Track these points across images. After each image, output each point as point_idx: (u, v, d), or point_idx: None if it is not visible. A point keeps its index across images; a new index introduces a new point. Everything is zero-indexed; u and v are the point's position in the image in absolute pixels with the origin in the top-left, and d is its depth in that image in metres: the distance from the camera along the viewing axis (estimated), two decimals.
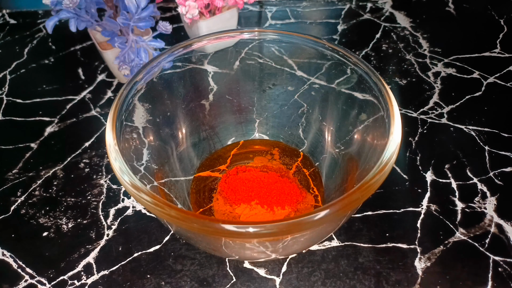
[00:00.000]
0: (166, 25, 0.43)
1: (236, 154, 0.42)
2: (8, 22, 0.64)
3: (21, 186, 0.41)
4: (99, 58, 0.56)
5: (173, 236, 0.36)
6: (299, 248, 0.33)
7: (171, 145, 0.38)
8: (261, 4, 0.66)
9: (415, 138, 0.45)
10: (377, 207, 0.38)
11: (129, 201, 0.39)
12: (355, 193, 0.23)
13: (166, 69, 0.35)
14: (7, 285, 0.34)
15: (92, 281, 0.34)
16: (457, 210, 0.38)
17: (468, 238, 0.36)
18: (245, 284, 0.33)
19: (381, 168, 0.25)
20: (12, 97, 0.51)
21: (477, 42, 0.58)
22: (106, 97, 0.51)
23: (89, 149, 0.45)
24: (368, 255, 0.35)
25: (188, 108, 0.40)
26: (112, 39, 0.44)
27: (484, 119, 0.47)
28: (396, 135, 0.26)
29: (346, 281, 0.33)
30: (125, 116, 0.30)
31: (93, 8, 0.43)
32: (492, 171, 0.41)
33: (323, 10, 0.65)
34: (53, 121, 0.48)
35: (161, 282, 0.33)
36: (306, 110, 0.41)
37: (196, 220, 0.22)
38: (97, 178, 0.41)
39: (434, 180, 0.40)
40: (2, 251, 0.36)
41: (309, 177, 0.39)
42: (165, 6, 0.66)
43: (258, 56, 0.39)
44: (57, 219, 0.38)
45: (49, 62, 0.57)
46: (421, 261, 0.34)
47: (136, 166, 0.31)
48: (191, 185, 0.39)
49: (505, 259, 0.34)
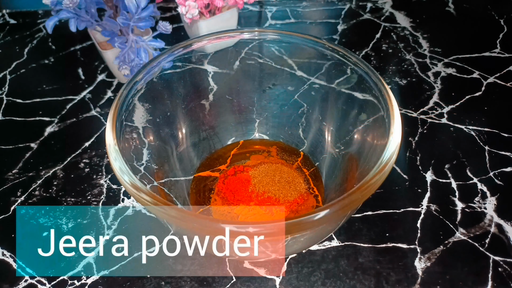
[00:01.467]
0: (166, 25, 0.43)
1: (236, 154, 0.42)
2: (8, 22, 0.64)
3: (21, 186, 0.41)
4: (99, 58, 0.56)
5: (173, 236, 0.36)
6: (299, 248, 0.33)
7: (171, 145, 0.38)
8: (261, 4, 0.66)
9: (415, 138, 0.45)
10: (377, 207, 0.38)
11: (129, 201, 0.39)
12: (355, 193, 0.23)
13: (166, 69, 0.35)
14: (7, 285, 0.34)
15: (92, 281, 0.34)
16: (457, 210, 0.38)
17: (468, 238, 0.36)
18: (245, 284, 0.33)
19: (381, 168, 0.25)
20: (12, 97, 0.51)
21: (477, 42, 0.58)
22: (106, 97, 0.51)
23: (89, 149, 0.45)
24: (368, 255, 0.35)
25: (188, 108, 0.40)
26: (112, 39, 0.44)
27: (484, 119, 0.47)
28: (396, 135, 0.26)
29: (346, 281, 0.33)
30: (125, 116, 0.30)
31: (93, 8, 0.43)
32: (492, 171, 0.41)
33: (323, 10, 0.65)
34: (53, 121, 0.48)
35: (161, 282, 0.33)
36: (306, 110, 0.41)
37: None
38: (97, 178, 0.41)
39: (434, 180, 0.40)
40: (2, 251, 0.36)
41: (309, 177, 0.39)
42: (165, 6, 0.66)
43: (258, 56, 0.39)
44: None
45: (49, 62, 0.57)
46: (421, 261, 0.34)
47: (136, 166, 0.31)
48: (191, 185, 0.39)
49: (505, 259, 0.34)
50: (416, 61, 0.55)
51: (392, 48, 0.57)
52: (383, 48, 0.57)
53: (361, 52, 0.57)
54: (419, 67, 0.54)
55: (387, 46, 0.57)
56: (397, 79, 0.52)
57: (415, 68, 0.54)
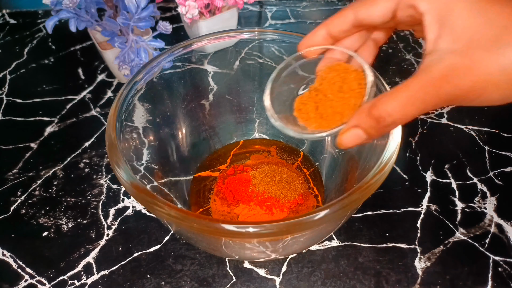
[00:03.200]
0: (166, 25, 0.43)
1: (236, 154, 0.42)
2: (8, 22, 0.64)
3: (21, 186, 0.41)
4: (99, 58, 0.56)
5: (173, 236, 0.36)
6: (299, 248, 0.33)
7: (171, 145, 0.38)
8: (261, 4, 0.66)
9: (415, 138, 0.45)
10: (377, 207, 0.38)
11: (129, 201, 0.39)
12: (355, 193, 0.23)
13: (166, 69, 0.35)
14: (7, 285, 0.34)
15: (92, 281, 0.34)
16: (457, 210, 0.38)
17: (468, 238, 0.36)
18: (245, 284, 0.33)
19: (381, 168, 0.25)
20: (12, 97, 0.51)
21: None
22: (106, 97, 0.51)
23: (89, 149, 0.45)
24: (368, 255, 0.35)
25: (188, 108, 0.40)
26: (112, 39, 0.44)
27: (484, 119, 0.47)
28: (396, 135, 0.26)
29: (346, 281, 0.33)
30: (125, 116, 0.30)
31: (93, 8, 0.43)
32: (492, 171, 0.41)
33: (323, 10, 0.65)
34: (53, 121, 0.48)
35: (161, 282, 0.33)
36: None
37: (196, 220, 0.22)
38: (97, 178, 0.41)
39: (434, 180, 0.40)
40: (2, 251, 0.36)
41: (309, 177, 0.39)
42: (165, 6, 0.66)
43: (258, 56, 0.39)
44: (57, 219, 0.38)
45: (49, 62, 0.57)
46: (421, 261, 0.34)
47: (136, 166, 0.31)
48: (191, 185, 0.39)
49: (505, 259, 0.34)
50: (416, 61, 0.55)
51: (392, 48, 0.57)
52: (383, 48, 0.57)
53: None
54: None
55: (387, 46, 0.57)
56: (397, 79, 0.52)
57: (415, 68, 0.54)
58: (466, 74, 0.18)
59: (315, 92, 0.26)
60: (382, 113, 0.20)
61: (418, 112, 0.19)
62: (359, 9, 0.22)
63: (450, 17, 0.19)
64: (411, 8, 0.20)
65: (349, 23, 0.23)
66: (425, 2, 0.20)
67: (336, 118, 0.24)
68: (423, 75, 0.19)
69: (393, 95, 0.19)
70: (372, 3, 0.22)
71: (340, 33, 0.24)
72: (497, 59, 0.17)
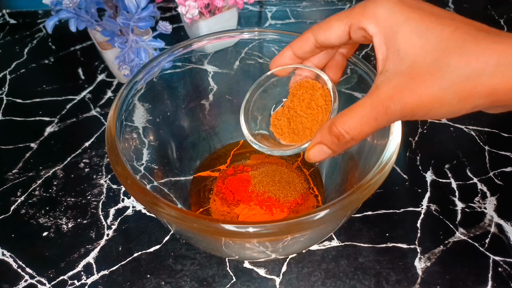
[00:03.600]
0: (166, 25, 0.43)
1: (236, 154, 0.42)
2: (8, 22, 0.64)
3: (21, 186, 0.41)
4: (99, 58, 0.56)
5: (173, 236, 0.36)
6: (299, 248, 0.33)
7: (171, 145, 0.38)
8: (261, 4, 0.66)
9: (415, 138, 0.45)
10: (377, 207, 0.38)
11: (129, 201, 0.39)
12: (355, 193, 0.23)
13: (166, 69, 0.35)
14: (7, 285, 0.34)
15: (92, 281, 0.34)
16: (457, 210, 0.38)
17: (468, 238, 0.36)
18: (245, 284, 0.33)
19: (381, 168, 0.25)
20: (12, 97, 0.51)
21: None
22: (106, 97, 0.51)
23: (89, 149, 0.45)
24: (368, 255, 0.35)
25: (188, 108, 0.40)
26: (112, 39, 0.44)
27: (484, 119, 0.47)
28: (396, 135, 0.26)
29: (346, 281, 0.33)
30: (125, 116, 0.30)
31: (93, 8, 0.43)
32: (492, 171, 0.41)
33: (323, 10, 0.65)
34: (53, 121, 0.48)
35: (161, 282, 0.33)
36: None
37: (196, 220, 0.22)
38: (97, 178, 0.41)
39: (434, 180, 0.40)
40: (2, 251, 0.36)
41: (309, 177, 0.39)
42: (165, 6, 0.66)
43: (258, 56, 0.39)
44: (57, 219, 0.38)
45: (49, 62, 0.57)
46: (421, 261, 0.34)
47: (136, 166, 0.31)
48: (191, 185, 0.39)
49: (505, 259, 0.34)
50: None
51: None
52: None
53: (361, 52, 0.57)
54: None
55: None
56: None
57: None
58: (410, 94, 0.19)
59: (287, 108, 0.28)
60: (341, 130, 0.21)
61: (372, 129, 0.21)
62: (317, 33, 0.24)
63: (395, 40, 0.20)
64: (362, 30, 0.22)
65: (311, 45, 0.25)
66: (373, 25, 0.21)
67: (306, 133, 0.26)
68: (373, 95, 0.20)
69: (349, 114, 0.21)
70: (328, 27, 0.23)
71: (305, 54, 0.26)
72: (438, 80, 0.18)
